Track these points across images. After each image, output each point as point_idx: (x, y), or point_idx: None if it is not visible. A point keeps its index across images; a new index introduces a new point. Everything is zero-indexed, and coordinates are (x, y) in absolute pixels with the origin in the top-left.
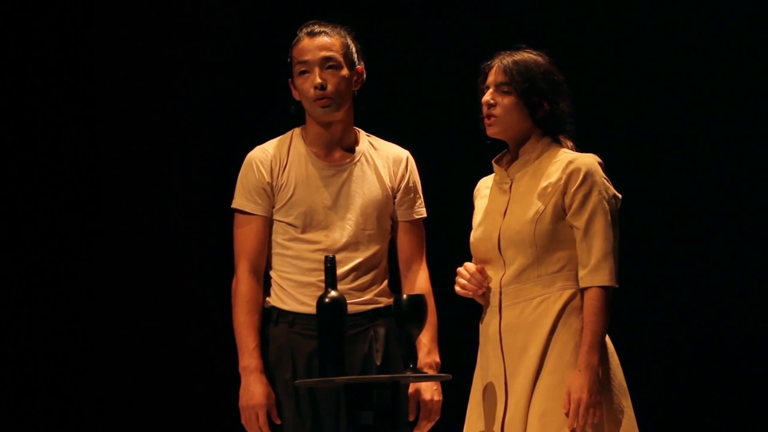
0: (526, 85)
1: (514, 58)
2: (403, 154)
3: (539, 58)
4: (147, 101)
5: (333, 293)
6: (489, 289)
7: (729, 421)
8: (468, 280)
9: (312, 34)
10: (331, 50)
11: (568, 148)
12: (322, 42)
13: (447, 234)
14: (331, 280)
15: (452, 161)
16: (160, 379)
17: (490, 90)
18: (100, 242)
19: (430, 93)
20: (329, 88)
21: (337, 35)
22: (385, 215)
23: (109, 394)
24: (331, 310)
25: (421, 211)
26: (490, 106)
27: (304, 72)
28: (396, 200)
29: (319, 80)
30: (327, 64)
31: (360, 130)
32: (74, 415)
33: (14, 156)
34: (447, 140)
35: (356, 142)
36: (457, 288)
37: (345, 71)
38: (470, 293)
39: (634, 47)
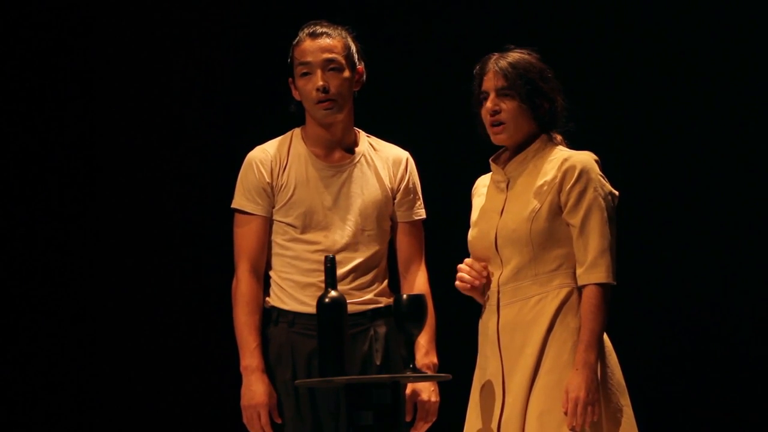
0: (528, 88)
1: (508, 60)
2: (403, 155)
3: (531, 57)
4: (146, 102)
5: (333, 293)
6: (488, 288)
7: (728, 419)
8: (467, 272)
9: (314, 36)
10: (333, 52)
11: (558, 141)
12: (324, 44)
13: (446, 235)
14: (331, 280)
15: (452, 162)
16: (161, 380)
17: (491, 96)
18: (99, 244)
19: (429, 94)
20: (332, 90)
21: (339, 36)
22: (384, 216)
23: (109, 394)
24: (331, 310)
25: (421, 213)
26: (495, 112)
27: (306, 74)
28: (395, 201)
29: (321, 83)
30: (329, 66)
31: (360, 130)
32: (74, 415)
33: (13, 156)
34: (447, 141)
35: (356, 142)
36: (457, 282)
37: (347, 73)
38: (468, 285)
39: (631, 45)
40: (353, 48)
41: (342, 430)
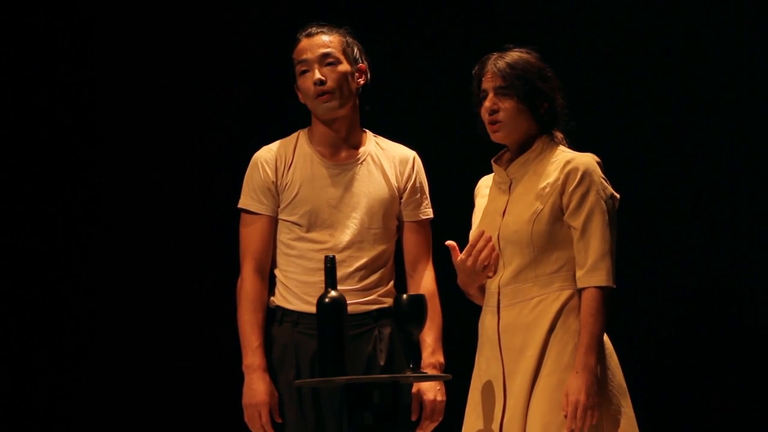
0: (526, 88)
1: (507, 60)
2: (410, 154)
3: (530, 57)
4: (151, 101)
5: (333, 293)
6: (488, 289)
7: (729, 421)
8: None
9: (310, 35)
10: (329, 47)
11: (559, 140)
12: (319, 40)
13: (452, 235)
14: (331, 280)
15: (458, 162)
16: (163, 378)
17: (490, 95)
18: (103, 242)
19: (435, 93)
20: (329, 83)
21: (336, 33)
22: (390, 215)
23: (111, 393)
24: (331, 310)
25: (428, 212)
26: (493, 111)
27: (304, 72)
28: (402, 200)
29: (318, 76)
30: (326, 60)
31: (368, 131)
32: (74, 414)
33: (14, 156)
34: (453, 141)
35: (362, 142)
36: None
37: (345, 66)
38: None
39: (631, 44)
40: (353, 45)
41: (345, 430)
